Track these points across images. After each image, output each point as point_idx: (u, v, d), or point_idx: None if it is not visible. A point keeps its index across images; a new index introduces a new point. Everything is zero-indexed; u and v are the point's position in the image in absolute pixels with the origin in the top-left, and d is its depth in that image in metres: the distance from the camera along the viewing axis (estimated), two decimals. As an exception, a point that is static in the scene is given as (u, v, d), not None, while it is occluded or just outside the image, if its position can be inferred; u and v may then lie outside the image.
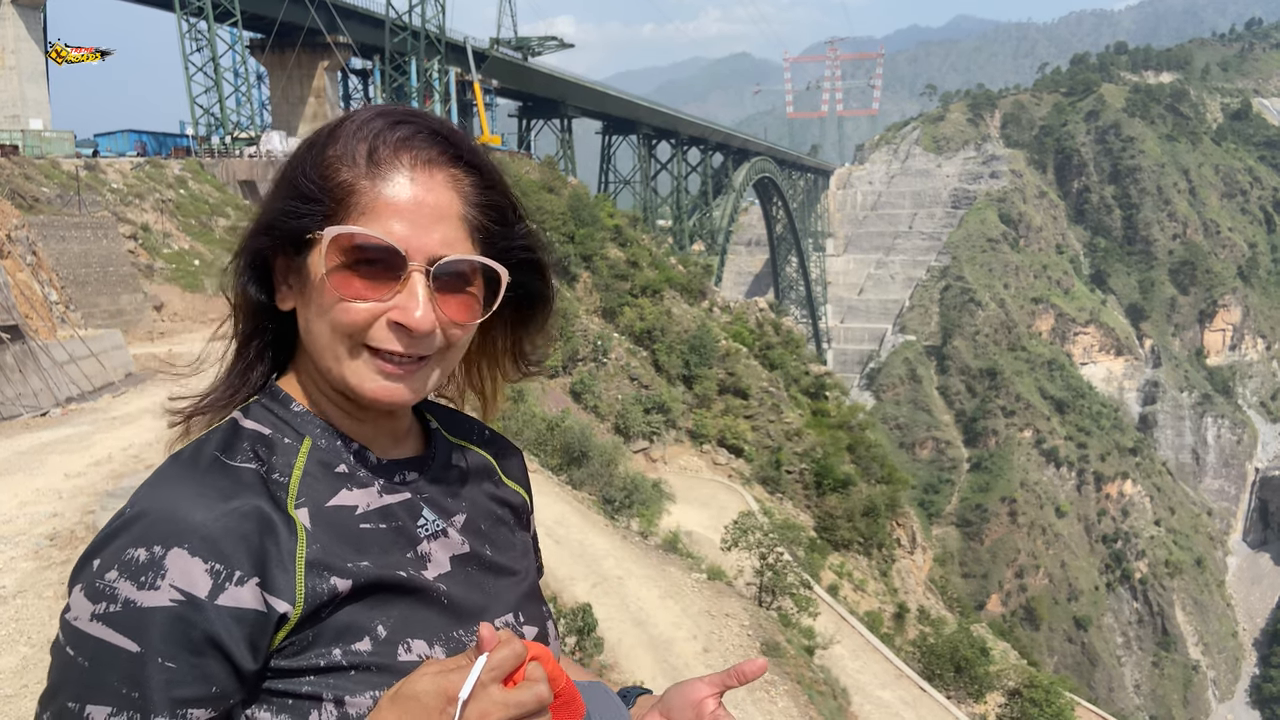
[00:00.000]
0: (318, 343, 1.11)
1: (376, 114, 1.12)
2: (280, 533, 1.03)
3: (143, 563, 0.96)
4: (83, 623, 0.96)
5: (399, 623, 1.08)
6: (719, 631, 13.56)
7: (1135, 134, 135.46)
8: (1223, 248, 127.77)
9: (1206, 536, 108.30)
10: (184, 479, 1.04)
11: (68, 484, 9.91)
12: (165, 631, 0.94)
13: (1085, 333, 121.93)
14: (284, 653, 1.02)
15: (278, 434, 1.13)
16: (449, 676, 0.91)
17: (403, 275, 1.06)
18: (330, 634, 1.03)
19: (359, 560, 1.08)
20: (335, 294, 1.06)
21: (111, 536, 0.99)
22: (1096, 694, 71.35)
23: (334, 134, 1.11)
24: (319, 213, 1.08)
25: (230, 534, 0.99)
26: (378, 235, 1.05)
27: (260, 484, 1.06)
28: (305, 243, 1.09)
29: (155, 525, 0.98)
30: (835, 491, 37.35)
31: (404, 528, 1.15)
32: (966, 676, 22.44)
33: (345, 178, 1.07)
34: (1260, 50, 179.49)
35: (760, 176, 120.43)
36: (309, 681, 1.02)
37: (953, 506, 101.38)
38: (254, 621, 0.99)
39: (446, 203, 1.09)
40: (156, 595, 0.95)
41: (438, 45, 58.70)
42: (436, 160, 1.10)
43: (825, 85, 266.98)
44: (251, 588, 0.99)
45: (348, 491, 1.13)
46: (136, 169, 34.72)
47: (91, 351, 16.94)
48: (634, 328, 43.19)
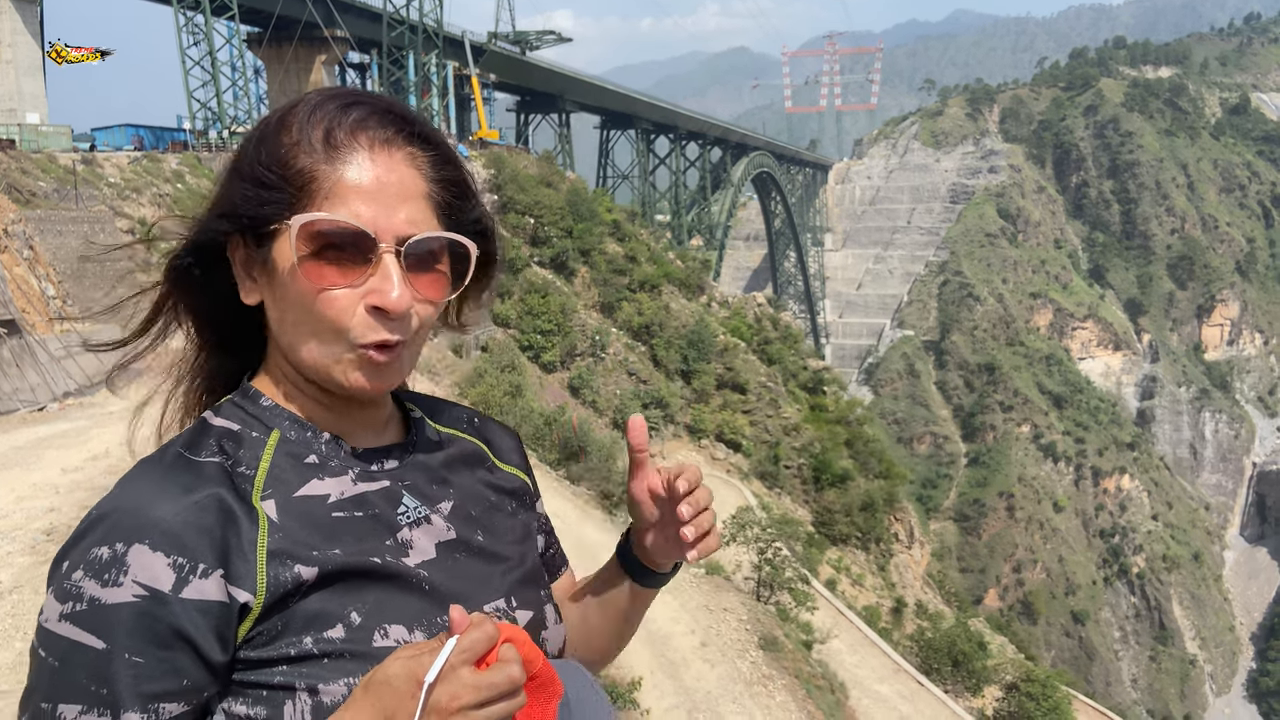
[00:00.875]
0: (295, 337, 1.10)
1: (327, 97, 1.11)
2: (241, 523, 1.03)
3: (105, 560, 0.96)
4: (52, 624, 0.97)
5: (374, 609, 1.06)
6: (717, 626, 13.57)
7: (1134, 129, 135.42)
8: (1221, 242, 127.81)
9: (1204, 531, 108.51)
10: (147, 477, 1.05)
11: (65, 479, 9.90)
12: (130, 627, 0.95)
13: (1083, 328, 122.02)
14: (253, 643, 1.02)
15: (246, 429, 1.13)
16: (420, 660, 0.91)
17: (373, 258, 1.06)
18: (300, 622, 1.03)
19: (329, 548, 1.07)
20: (309, 284, 1.05)
21: (78, 538, 1.00)
22: (1094, 688, 71.51)
23: (285, 120, 1.10)
24: (280, 200, 1.06)
25: (191, 527, 1.00)
26: (346, 220, 1.04)
27: (223, 476, 1.06)
28: (268, 234, 1.08)
29: (118, 523, 0.99)
30: (833, 486, 37.40)
31: (381, 515, 1.14)
32: (964, 671, 22.47)
33: (304, 164, 1.06)
34: (1259, 45, 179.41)
35: (759, 171, 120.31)
36: (281, 671, 1.02)
37: (950, 501, 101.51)
38: (219, 613, 0.99)
39: (409, 181, 1.09)
40: (120, 592, 0.95)
41: (435, 39, 58.58)
42: (394, 139, 1.09)
43: (824, 80, 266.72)
44: (215, 579, 0.99)
45: (318, 481, 1.12)
46: (134, 163, 34.65)
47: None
48: (632, 323, 43.19)
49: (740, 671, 12.39)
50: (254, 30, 54.80)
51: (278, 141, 1.08)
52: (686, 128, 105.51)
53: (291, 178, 1.06)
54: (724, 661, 12.49)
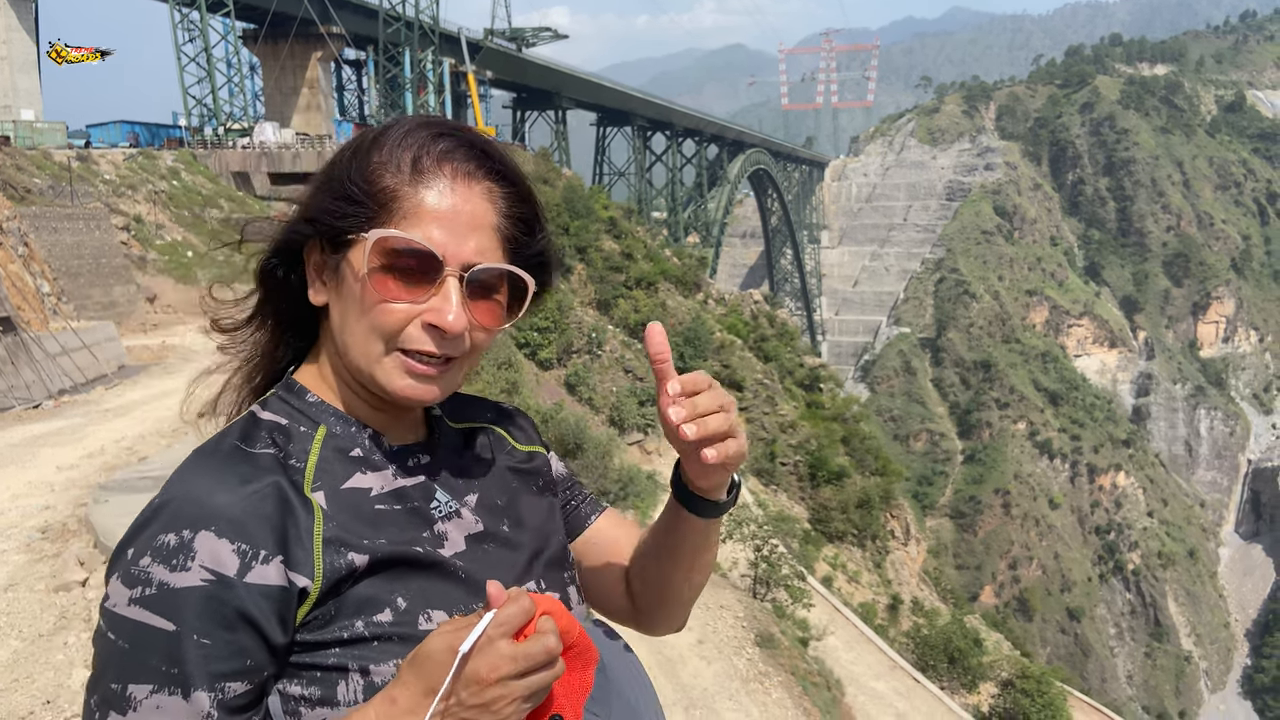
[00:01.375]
0: (351, 339, 1.16)
1: (420, 124, 1.18)
2: (298, 512, 1.09)
3: (173, 547, 1.01)
4: (120, 608, 1.01)
5: (418, 595, 1.12)
6: (713, 623, 13.57)
7: (1129, 126, 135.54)
8: (1216, 240, 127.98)
9: (1199, 528, 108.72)
10: (207, 467, 1.10)
11: (60, 476, 9.87)
12: (199, 609, 0.99)
13: (1079, 325, 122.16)
14: (309, 627, 1.07)
15: (294, 423, 1.19)
16: (458, 633, 0.95)
17: (438, 279, 1.12)
18: (351, 607, 1.08)
19: (375, 538, 1.12)
20: (375, 294, 1.12)
21: (143, 526, 1.05)
22: (1089, 684, 71.69)
23: (378, 140, 1.17)
24: (362, 215, 1.13)
25: (253, 515, 1.05)
26: (418, 240, 1.11)
27: (279, 467, 1.12)
28: (345, 242, 1.15)
29: (183, 511, 1.03)
30: (829, 483, 37.39)
31: (419, 509, 1.20)
32: (960, 667, 22.51)
33: (389, 183, 1.13)
34: (1254, 42, 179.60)
35: (755, 168, 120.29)
36: (334, 654, 1.07)
37: (947, 498, 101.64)
38: (280, 597, 1.04)
39: (482, 213, 1.16)
40: (188, 576, 1.00)
41: (431, 36, 58.50)
42: (475, 173, 1.16)
43: (820, 77, 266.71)
44: (276, 565, 1.04)
45: (362, 475, 1.18)
46: (129, 160, 34.57)
47: (84, 343, 16.87)
48: (629, 320, 43.17)
49: (737, 668, 12.40)
50: (249, 27, 54.68)
51: (368, 159, 1.15)
52: (683, 125, 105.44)
53: (376, 194, 1.13)
54: (720, 659, 12.49)
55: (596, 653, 1.07)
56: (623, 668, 1.25)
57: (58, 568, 6.99)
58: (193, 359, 18.60)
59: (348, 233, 1.14)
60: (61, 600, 6.48)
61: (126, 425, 12.46)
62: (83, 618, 6.20)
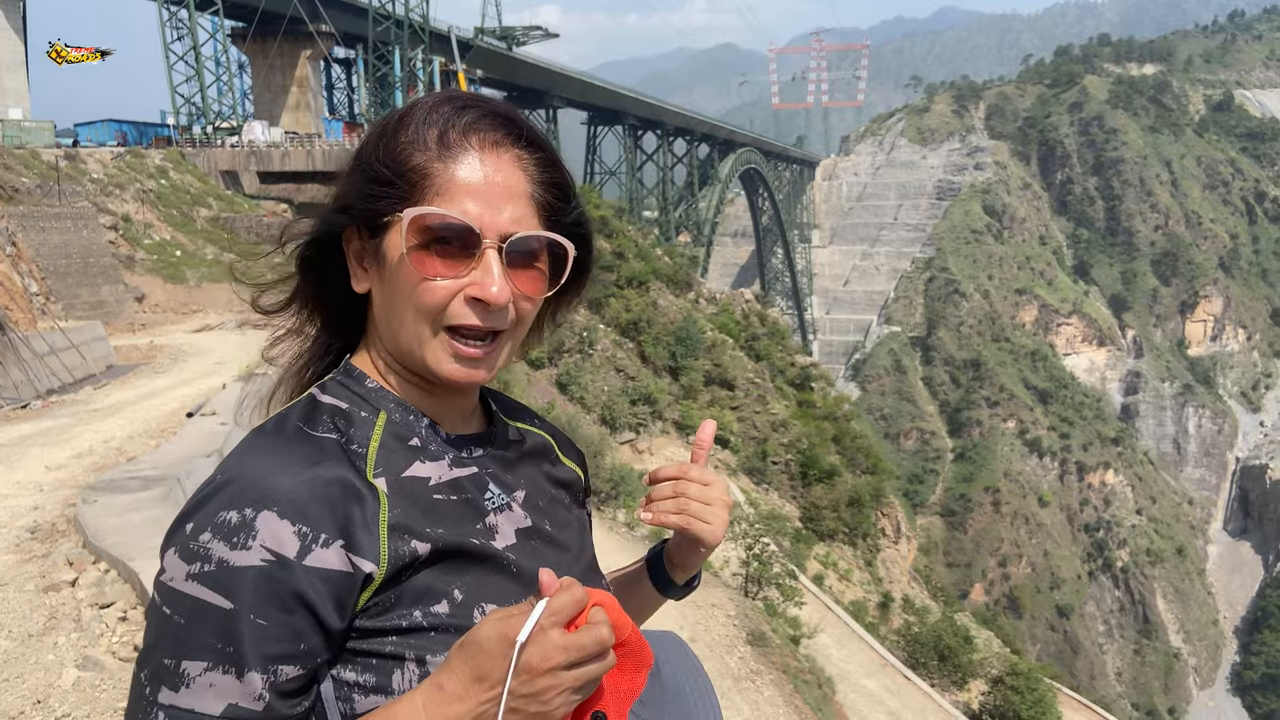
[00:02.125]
0: (397, 323, 1.17)
1: (443, 99, 1.18)
2: (364, 497, 1.08)
3: (235, 524, 1.00)
4: (178, 582, 1.00)
5: (473, 587, 1.12)
6: (705, 622, 13.58)
7: (1118, 125, 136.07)
8: (1204, 239, 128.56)
9: (1187, 525, 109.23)
10: (270, 448, 1.10)
11: (49, 476, 9.83)
12: (257, 589, 0.99)
13: (1068, 323, 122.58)
14: (368, 613, 1.06)
15: (354, 408, 1.18)
16: (510, 622, 0.94)
17: (477, 252, 1.12)
18: (410, 596, 1.08)
19: (435, 528, 1.12)
20: (416, 273, 1.12)
21: (203, 501, 1.04)
22: (1079, 681, 71.97)
23: (403, 120, 1.17)
24: (395, 195, 1.13)
25: (315, 499, 1.04)
26: (454, 215, 1.11)
27: (341, 453, 1.11)
28: (381, 226, 1.15)
29: (245, 490, 1.03)
30: (821, 482, 37.44)
31: (473, 500, 1.20)
32: (950, 665, 22.58)
33: (418, 161, 1.13)
34: (1242, 42, 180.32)
35: (746, 168, 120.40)
36: (392, 642, 1.07)
37: (937, 496, 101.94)
38: (339, 581, 1.03)
39: (515, 181, 1.15)
40: (248, 555, 0.99)
41: (421, 34, 58.35)
42: (503, 141, 1.16)
43: (810, 76, 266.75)
44: (336, 549, 1.03)
45: (421, 464, 1.18)
46: (117, 159, 34.43)
47: (72, 343, 16.80)
48: (620, 319, 43.15)
49: (729, 667, 12.41)
50: (238, 25, 54.51)
51: (395, 140, 1.15)
52: (674, 124, 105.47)
53: (406, 174, 1.13)
54: (712, 657, 12.51)
55: (651, 656, 1.05)
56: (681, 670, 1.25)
57: (47, 568, 6.96)
58: (182, 359, 18.52)
59: (382, 215, 1.14)
60: (51, 600, 6.45)
61: (115, 425, 12.41)
62: (72, 618, 6.18)
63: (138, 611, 6.22)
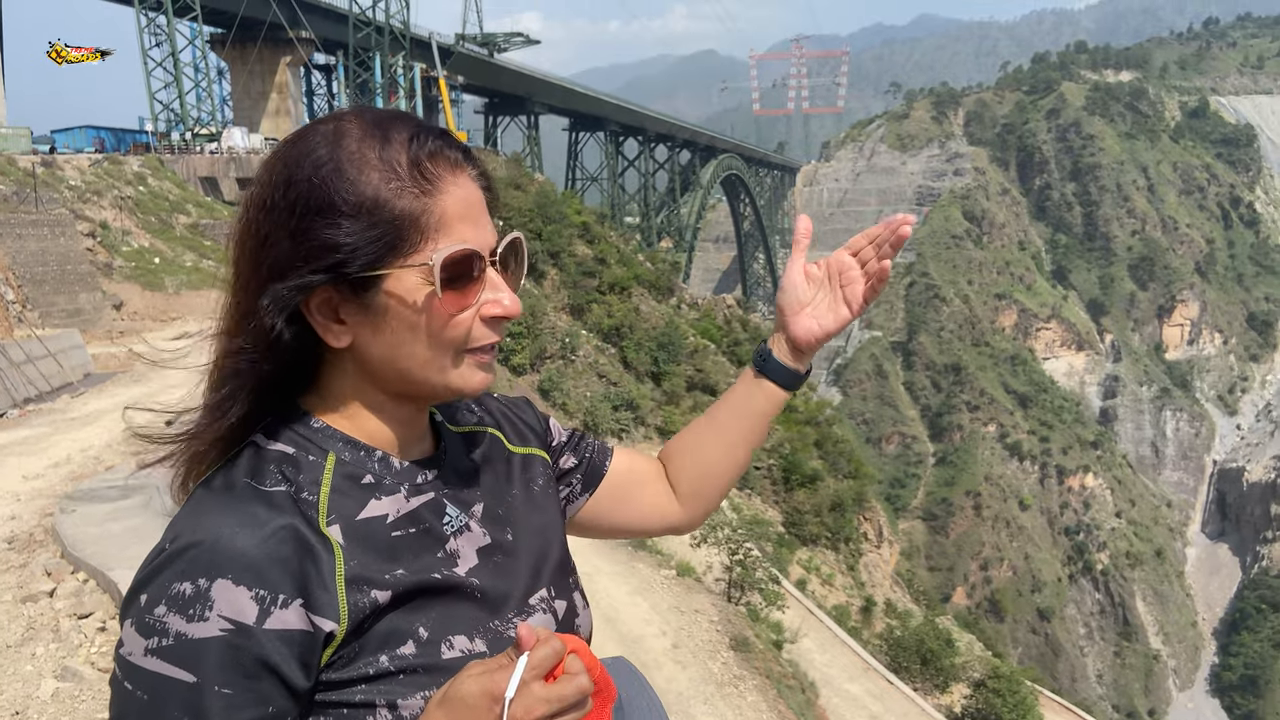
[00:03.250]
0: (413, 363, 1.14)
1: (377, 122, 1.12)
2: (318, 553, 1.06)
3: (189, 596, 0.98)
4: (137, 658, 0.98)
5: (438, 622, 1.11)
6: (688, 628, 13.59)
7: (1095, 132, 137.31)
8: (1181, 244, 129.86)
9: (1166, 528, 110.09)
10: (220, 508, 1.06)
11: (25, 486, 9.73)
12: (219, 660, 0.97)
13: (1047, 328, 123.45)
14: (333, 666, 1.05)
15: (301, 452, 1.14)
16: (493, 677, 0.94)
17: (478, 273, 1.13)
18: (375, 643, 1.07)
19: (394, 569, 1.10)
20: (445, 313, 1.11)
21: (156, 572, 1.01)
22: (1060, 684, 72.36)
23: (354, 157, 1.08)
24: (388, 241, 1.08)
25: (271, 559, 1.02)
26: (470, 248, 1.11)
27: (293, 506, 1.08)
28: (375, 276, 1.09)
29: (198, 558, 1.00)
30: (803, 487, 37.52)
31: (431, 528, 1.18)
32: (933, 668, 22.66)
33: (408, 205, 1.08)
34: (1217, 49, 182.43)
35: (727, 174, 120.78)
36: (361, 690, 1.06)
37: (919, 500, 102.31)
38: (302, 641, 1.01)
39: (477, 195, 1.16)
40: (206, 626, 0.97)
41: (402, 41, 58.26)
42: (460, 160, 1.15)
43: (791, 83, 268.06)
44: (296, 609, 1.01)
45: (376, 501, 1.15)
46: (95, 166, 34.15)
47: (49, 351, 16.64)
48: (602, 325, 43.15)
49: (712, 672, 12.42)
50: (217, 31, 54.20)
51: (359, 181, 1.07)
52: (655, 130, 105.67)
53: (398, 219, 1.08)
54: (695, 663, 12.52)
55: (615, 691, 1.07)
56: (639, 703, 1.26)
57: (25, 578, 6.89)
58: (160, 367, 18.37)
59: (381, 266, 1.08)
60: (29, 611, 6.40)
61: (93, 434, 12.30)
62: (50, 628, 6.13)
63: (116, 621, 6.17)
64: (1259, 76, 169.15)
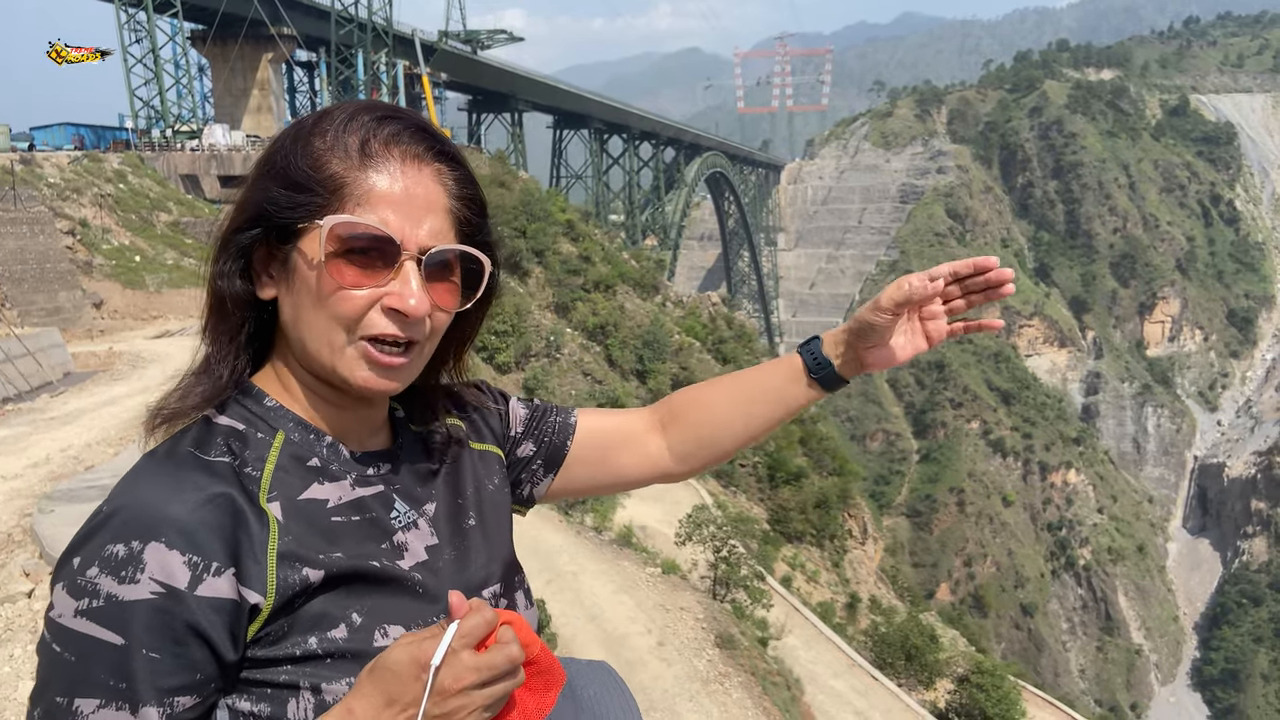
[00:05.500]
0: (308, 330, 1.13)
1: (362, 108, 1.15)
2: (252, 525, 1.05)
3: (122, 558, 0.97)
4: (67, 619, 0.98)
5: (374, 610, 1.10)
6: (673, 625, 13.58)
7: (1077, 130, 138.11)
8: (1162, 241, 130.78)
9: (1148, 523, 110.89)
10: (159, 474, 1.06)
11: (4, 486, 9.63)
12: (148, 623, 0.96)
13: (1030, 325, 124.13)
14: (260, 643, 1.04)
15: (251, 429, 1.14)
16: (421, 645, 0.94)
17: (396, 263, 1.10)
18: (305, 623, 1.05)
19: (331, 551, 1.09)
20: (333, 282, 1.09)
21: (90, 534, 1.00)
22: (1043, 679, 72.80)
23: (319, 126, 1.13)
24: (312, 203, 1.09)
25: (206, 526, 1.01)
26: (375, 224, 1.08)
27: (234, 477, 1.08)
28: (293, 233, 1.11)
29: (133, 521, 0.99)
30: (788, 484, 37.59)
31: (378, 519, 1.17)
32: (917, 664, 22.73)
33: (337, 169, 1.10)
34: (1198, 48, 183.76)
35: (712, 171, 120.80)
36: (286, 671, 1.04)
37: (903, 497, 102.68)
38: (231, 610, 1.00)
39: (434, 195, 1.13)
40: (137, 589, 0.96)
41: (385, 38, 57.97)
42: (424, 155, 1.14)
43: (775, 81, 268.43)
44: (228, 578, 1.00)
45: (319, 485, 1.15)
46: (74, 163, 33.85)
47: (28, 350, 16.48)
48: (587, 323, 43.13)
49: (697, 670, 12.42)
50: (198, 28, 53.77)
51: (310, 145, 1.11)
52: (640, 128, 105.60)
53: (325, 181, 1.09)
54: (681, 660, 12.51)
55: (563, 675, 1.06)
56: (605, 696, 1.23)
57: (2, 579, 6.82)
58: (141, 365, 18.23)
59: (298, 222, 1.10)
60: (6, 612, 6.33)
61: (73, 433, 12.19)
62: (28, 629, 6.06)
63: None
64: (1239, 75, 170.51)
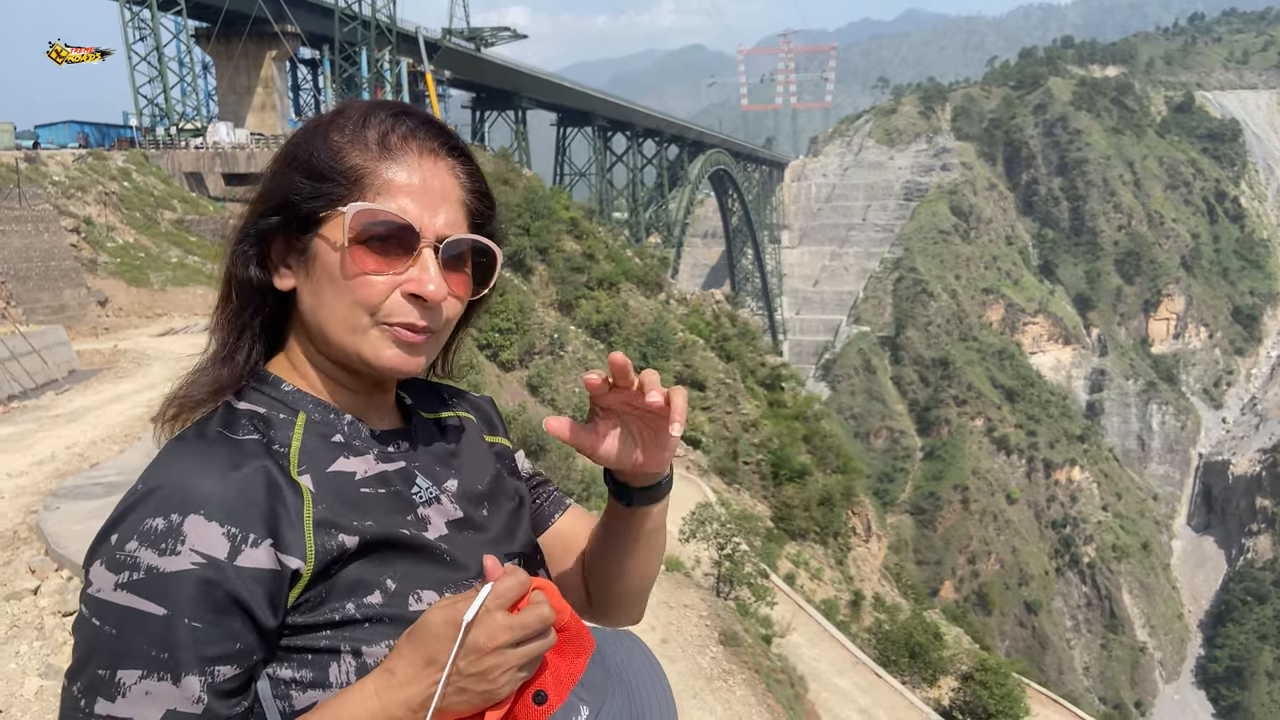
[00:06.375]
0: (330, 315, 1.16)
1: (377, 106, 1.21)
2: (287, 496, 1.09)
3: (162, 530, 1.00)
4: (106, 593, 1.00)
5: (407, 576, 1.13)
6: (677, 622, 13.59)
7: (1082, 127, 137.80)
8: (1166, 238, 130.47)
9: (1152, 521, 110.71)
10: (192, 453, 1.09)
11: (10, 484, 9.65)
12: (190, 593, 0.98)
13: (1034, 322, 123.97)
14: (300, 609, 1.07)
15: (273, 411, 1.18)
16: (456, 606, 0.98)
17: (415, 251, 1.15)
18: (342, 589, 1.09)
19: (363, 520, 1.13)
20: (355, 267, 1.13)
21: (128, 511, 1.03)
22: (1047, 676, 72.72)
23: (336, 122, 1.19)
24: (334, 192, 1.14)
25: (242, 498, 1.04)
26: (396, 212, 1.13)
27: (264, 452, 1.12)
28: (315, 221, 1.15)
29: (172, 496, 1.02)
30: (792, 481, 37.61)
31: (401, 493, 1.21)
32: (921, 662, 22.74)
33: (357, 161, 1.15)
34: (1202, 44, 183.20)
35: (715, 169, 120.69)
36: (326, 636, 1.08)
37: (907, 495, 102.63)
38: (270, 580, 1.03)
39: (449, 188, 1.19)
40: (178, 560, 0.99)
41: (388, 35, 57.96)
42: (439, 150, 1.20)
43: (779, 78, 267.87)
44: (266, 548, 1.04)
45: (345, 459, 1.19)
46: (79, 161, 33.92)
47: (33, 348, 16.52)
48: (591, 320, 43.15)
49: (701, 667, 12.43)
50: (202, 25, 53.82)
51: (329, 139, 1.17)
52: (643, 125, 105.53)
53: (346, 171, 1.14)
54: (684, 657, 12.52)
55: (592, 642, 1.08)
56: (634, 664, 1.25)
57: (8, 576, 6.84)
58: (145, 363, 18.27)
59: (321, 210, 1.15)
60: (13, 609, 6.34)
61: (78, 431, 12.21)
62: (34, 626, 6.08)
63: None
64: (1244, 72, 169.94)
